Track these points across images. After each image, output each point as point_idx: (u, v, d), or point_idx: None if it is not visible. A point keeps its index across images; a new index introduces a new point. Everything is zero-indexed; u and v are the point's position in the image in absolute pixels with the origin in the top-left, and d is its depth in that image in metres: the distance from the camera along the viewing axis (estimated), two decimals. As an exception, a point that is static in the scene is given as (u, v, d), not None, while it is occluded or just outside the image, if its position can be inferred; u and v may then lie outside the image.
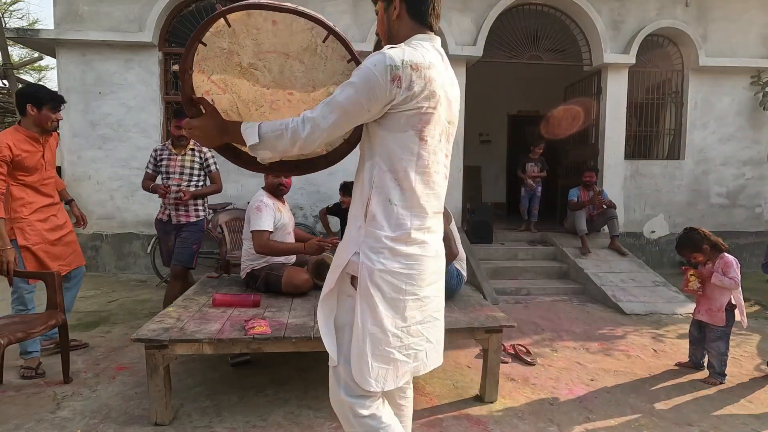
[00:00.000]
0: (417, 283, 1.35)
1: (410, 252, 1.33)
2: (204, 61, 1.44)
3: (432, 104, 1.27)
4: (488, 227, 6.05)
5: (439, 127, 1.33)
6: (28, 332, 2.46)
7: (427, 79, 1.24)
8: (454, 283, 2.93)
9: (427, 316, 1.40)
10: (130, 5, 5.65)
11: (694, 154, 6.53)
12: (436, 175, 1.36)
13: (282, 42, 1.41)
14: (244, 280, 3.16)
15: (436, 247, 1.41)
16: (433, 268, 1.39)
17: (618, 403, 2.61)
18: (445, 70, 1.34)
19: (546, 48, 6.43)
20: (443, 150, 1.39)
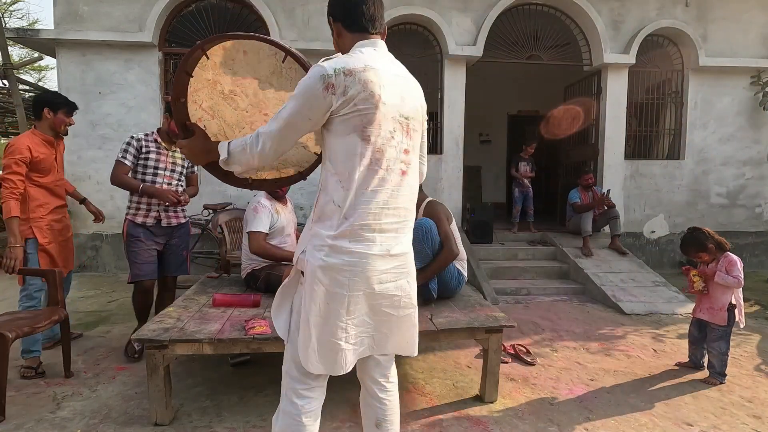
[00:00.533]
0: (361, 280, 1.39)
1: (352, 249, 1.38)
2: (195, 92, 1.66)
3: (371, 105, 1.33)
4: (488, 227, 6.05)
5: (387, 124, 1.38)
6: (34, 327, 2.56)
7: (363, 82, 1.31)
8: (454, 283, 2.93)
9: (377, 311, 1.45)
10: (130, 5, 5.65)
11: (694, 154, 6.54)
12: (386, 172, 1.39)
13: (253, 69, 1.63)
14: (244, 279, 3.16)
15: (388, 246, 1.42)
16: (382, 266, 1.41)
17: (618, 403, 2.61)
18: (391, 68, 1.41)
19: (546, 48, 6.43)
20: (399, 146, 1.42)
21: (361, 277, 1.39)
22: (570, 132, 7.14)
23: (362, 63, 1.34)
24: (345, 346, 1.42)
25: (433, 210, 2.97)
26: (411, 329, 1.55)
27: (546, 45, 6.42)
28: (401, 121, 1.42)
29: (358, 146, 1.35)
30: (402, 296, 1.49)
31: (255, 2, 5.74)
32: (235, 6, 5.95)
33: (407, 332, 1.55)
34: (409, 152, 1.45)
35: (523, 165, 6.50)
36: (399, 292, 1.48)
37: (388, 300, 1.46)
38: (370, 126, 1.35)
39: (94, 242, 5.78)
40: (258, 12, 5.80)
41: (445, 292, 2.93)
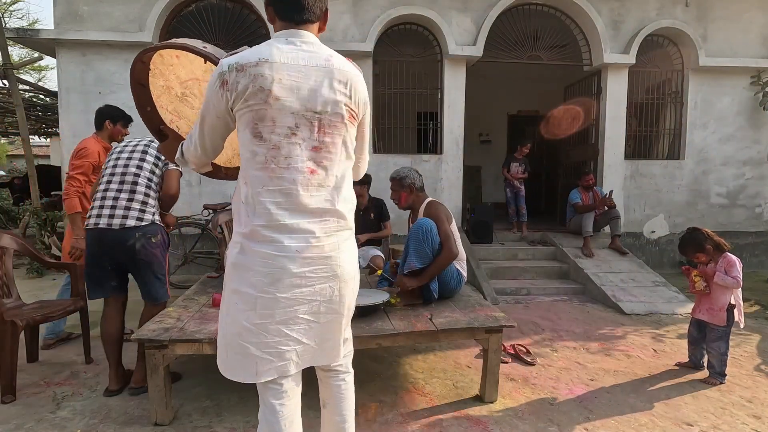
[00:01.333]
0: (271, 282, 1.32)
1: (260, 250, 1.33)
2: (158, 98, 1.79)
3: (260, 100, 1.28)
4: (488, 227, 6.05)
5: (285, 120, 1.31)
6: (46, 315, 2.84)
7: (253, 76, 1.27)
8: (454, 283, 2.94)
9: (292, 318, 1.36)
10: (130, 5, 5.65)
11: (694, 154, 6.54)
12: (287, 170, 1.32)
13: (189, 70, 1.70)
14: None
15: (300, 247, 1.34)
16: (293, 269, 1.33)
17: (618, 403, 2.61)
18: (300, 58, 1.33)
19: (546, 48, 6.43)
20: (303, 143, 1.34)
21: (270, 279, 1.33)
22: (570, 132, 7.14)
23: (256, 57, 1.29)
24: (255, 351, 1.34)
25: (433, 210, 2.97)
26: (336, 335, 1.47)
27: (546, 45, 6.42)
28: (307, 116, 1.33)
29: (252, 143, 1.32)
30: (321, 301, 1.39)
31: (255, 2, 5.74)
32: (235, 6, 5.95)
33: (330, 339, 1.46)
34: (321, 150, 1.36)
35: (515, 165, 6.44)
36: (317, 297, 1.38)
37: (304, 306, 1.37)
38: (262, 122, 1.30)
39: (94, 242, 5.77)
40: (258, 12, 5.79)
41: (445, 292, 2.93)
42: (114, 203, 2.58)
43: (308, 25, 1.39)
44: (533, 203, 6.72)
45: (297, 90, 1.31)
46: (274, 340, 1.35)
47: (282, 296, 1.34)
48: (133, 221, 2.56)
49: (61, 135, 5.80)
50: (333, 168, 1.40)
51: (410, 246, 2.82)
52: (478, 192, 9.17)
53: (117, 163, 2.70)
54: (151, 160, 2.74)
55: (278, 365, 1.37)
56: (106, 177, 2.67)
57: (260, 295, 1.33)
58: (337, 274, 1.42)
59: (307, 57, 1.34)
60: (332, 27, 5.83)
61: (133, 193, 2.62)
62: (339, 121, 1.38)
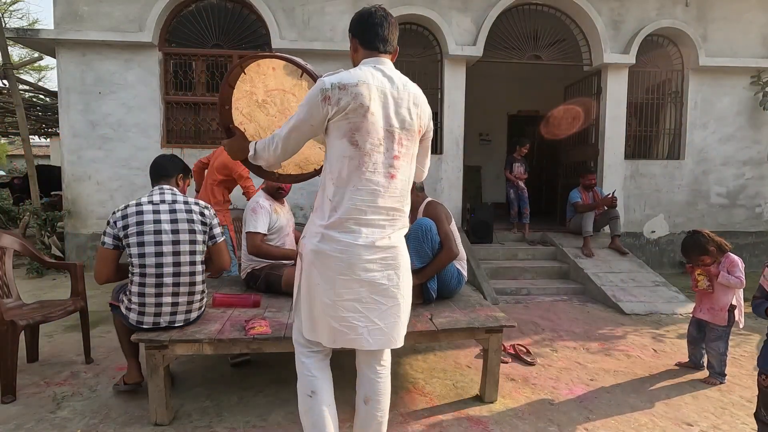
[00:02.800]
0: (347, 266, 1.58)
1: (340, 239, 1.58)
2: (237, 101, 2.04)
3: (359, 114, 1.53)
4: (488, 227, 6.05)
5: (376, 132, 1.57)
6: (46, 315, 2.79)
7: (353, 95, 1.52)
8: (454, 283, 2.93)
9: (365, 297, 1.61)
10: (130, 5, 5.65)
11: (694, 154, 6.54)
12: (373, 174, 1.58)
13: (280, 81, 1.98)
14: (245, 280, 3.16)
15: (373, 238, 1.60)
16: (367, 256, 1.59)
17: (618, 403, 2.61)
18: (388, 84, 1.60)
19: (546, 48, 6.43)
20: (388, 153, 1.60)
21: (346, 263, 1.58)
22: (570, 132, 7.14)
23: (356, 79, 1.54)
24: (333, 323, 1.61)
25: (433, 210, 2.97)
26: (398, 320, 1.68)
27: (546, 45, 6.42)
28: (391, 130, 1.60)
29: (347, 149, 1.56)
30: (389, 285, 1.64)
31: (255, 2, 5.74)
32: (235, 6, 5.95)
33: (395, 323, 1.67)
34: (399, 158, 1.63)
35: (517, 166, 6.35)
36: (386, 281, 1.63)
37: (375, 288, 1.62)
38: (358, 132, 1.55)
39: (94, 242, 5.77)
40: (258, 12, 5.80)
41: (445, 292, 2.93)
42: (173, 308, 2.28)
43: (388, 55, 1.69)
44: (533, 203, 6.69)
45: (384, 108, 1.58)
46: (349, 315, 1.60)
47: (357, 278, 1.59)
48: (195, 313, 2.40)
49: (61, 135, 5.80)
50: (404, 174, 1.67)
51: (410, 245, 2.79)
52: (478, 192, 9.17)
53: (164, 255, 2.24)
54: (201, 239, 2.36)
55: (352, 337, 1.62)
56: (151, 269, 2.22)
57: (339, 277, 1.58)
58: (400, 264, 1.68)
59: (389, 82, 1.61)
60: (332, 27, 5.83)
61: (192, 294, 2.34)
62: (411, 136, 1.66)
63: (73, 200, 5.81)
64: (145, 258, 2.22)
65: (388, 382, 1.79)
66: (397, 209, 1.66)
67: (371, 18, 1.65)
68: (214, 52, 5.94)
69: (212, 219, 2.43)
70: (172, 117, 5.97)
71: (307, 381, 1.71)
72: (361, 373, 1.78)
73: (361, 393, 1.78)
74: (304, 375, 1.72)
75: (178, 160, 2.59)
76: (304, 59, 1.93)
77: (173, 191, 2.41)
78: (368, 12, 1.66)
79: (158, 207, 2.29)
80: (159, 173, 2.48)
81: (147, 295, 2.24)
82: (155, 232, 2.23)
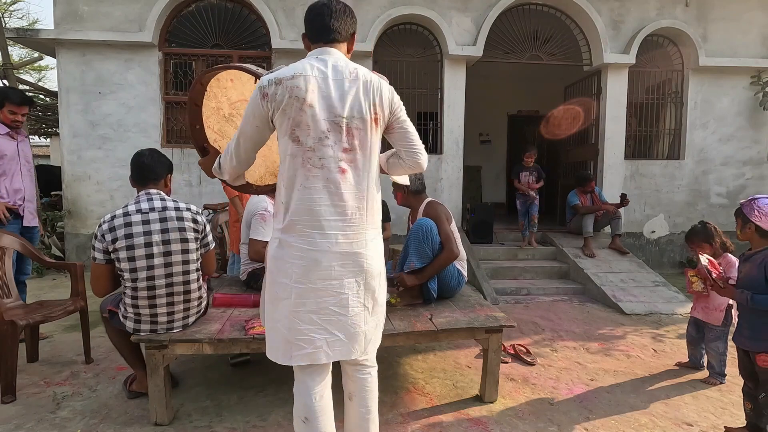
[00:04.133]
0: (304, 274, 1.49)
1: (294, 244, 1.51)
2: (207, 119, 2.01)
3: (296, 108, 1.46)
4: (488, 227, 6.05)
5: (319, 125, 1.48)
6: (47, 315, 2.81)
7: (289, 88, 1.45)
8: (454, 283, 2.93)
9: (323, 308, 1.51)
10: (130, 5, 5.65)
11: (694, 154, 6.54)
12: (320, 170, 1.49)
13: (240, 92, 1.96)
14: (245, 281, 3.15)
15: (329, 243, 1.50)
16: (324, 262, 1.50)
17: (618, 403, 2.61)
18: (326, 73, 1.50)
19: (546, 48, 6.43)
20: (335, 146, 1.50)
21: (302, 270, 1.49)
22: (570, 132, 7.14)
23: (292, 72, 1.48)
24: (289, 336, 1.52)
25: (433, 210, 2.97)
26: (358, 330, 1.57)
27: (546, 45, 6.42)
28: (337, 122, 1.49)
29: (290, 147, 1.50)
30: (349, 295, 1.53)
31: (255, 2, 5.74)
32: (235, 6, 5.95)
33: (355, 334, 1.56)
34: (350, 151, 1.52)
35: (525, 175, 5.88)
36: (346, 290, 1.53)
37: (333, 298, 1.52)
38: (298, 128, 1.48)
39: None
40: (258, 12, 5.80)
41: (445, 292, 2.93)
42: (169, 317, 2.25)
43: (336, 44, 1.58)
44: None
45: (327, 98, 1.48)
46: (306, 327, 1.51)
47: (313, 287, 1.50)
48: (194, 318, 2.36)
49: (61, 135, 5.80)
50: (362, 168, 1.55)
51: (410, 245, 2.82)
52: (478, 192, 9.17)
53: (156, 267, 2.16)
54: (194, 247, 2.27)
55: (309, 352, 1.52)
56: (143, 282, 2.16)
57: (295, 285, 1.50)
58: (364, 269, 1.56)
59: (334, 70, 1.51)
60: (332, 27, 5.82)
61: (188, 301, 2.28)
62: (365, 126, 1.53)
63: (73, 200, 5.81)
64: (137, 272, 2.14)
65: (373, 379, 1.72)
66: (356, 207, 1.53)
67: (313, 10, 1.58)
68: (214, 52, 5.94)
69: (204, 225, 2.33)
70: (172, 117, 5.97)
71: (302, 405, 1.59)
72: (344, 371, 1.72)
73: (346, 390, 1.74)
74: (299, 397, 1.60)
75: (164, 158, 2.40)
76: (304, 59, 1.92)
77: (161, 196, 2.27)
78: (312, 5, 1.60)
79: (147, 216, 2.16)
80: (147, 177, 2.29)
81: (141, 307, 2.19)
82: (146, 245, 2.13)
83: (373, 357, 1.72)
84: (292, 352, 1.52)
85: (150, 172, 2.30)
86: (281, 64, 1.59)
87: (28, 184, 3.45)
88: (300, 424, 1.60)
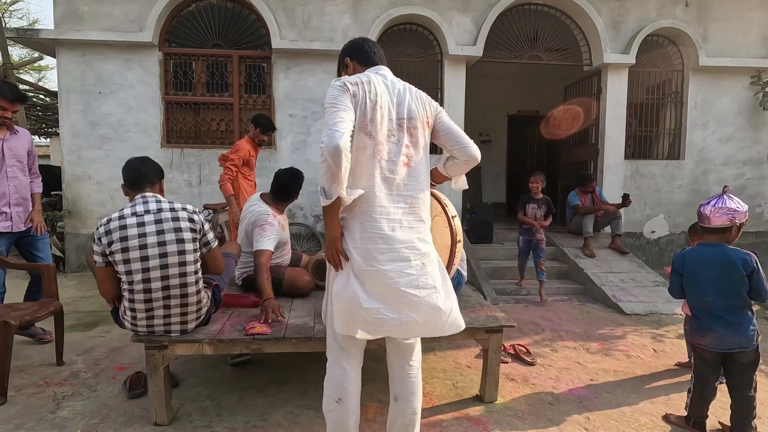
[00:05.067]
0: (371, 257, 1.63)
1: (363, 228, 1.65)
2: None
3: (371, 106, 1.65)
4: (488, 227, 6.05)
5: (386, 123, 1.69)
6: (34, 316, 2.79)
7: (365, 90, 1.66)
8: (453, 283, 2.89)
9: (396, 291, 1.63)
10: (130, 5, 5.65)
11: (694, 154, 6.54)
12: (388, 163, 1.68)
13: None
14: (242, 285, 3.11)
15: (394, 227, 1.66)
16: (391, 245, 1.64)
17: (618, 403, 2.61)
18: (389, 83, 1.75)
19: (546, 48, 6.43)
20: (399, 142, 1.71)
21: (371, 254, 1.63)
22: (570, 132, 7.14)
23: (366, 78, 1.70)
24: (363, 314, 1.63)
25: (433, 210, 2.96)
26: (432, 311, 1.68)
27: (546, 45, 6.42)
28: (399, 121, 1.71)
29: (363, 140, 1.66)
30: (418, 276, 1.66)
31: (255, 2, 5.74)
32: (235, 6, 5.95)
33: (429, 315, 1.68)
34: (410, 147, 1.73)
35: (533, 208, 4.73)
36: (414, 271, 1.65)
37: (404, 279, 1.64)
38: (371, 124, 1.66)
39: (94, 242, 5.77)
40: (258, 12, 5.79)
41: (445, 292, 2.92)
42: (166, 320, 2.22)
43: (384, 64, 1.86)
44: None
45: (391, 102, 1.72)
46: (378, 305, 1.63)
47: (385, 270, 1.63)
48: (193, 324, 2.31)
49: (61, 135, 5.80)
50: (417, 162, 1.74)
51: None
52: (478, 192, 9.15)
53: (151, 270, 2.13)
54: (191, 247, 2.22)
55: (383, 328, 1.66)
56: (139, 285, 2.13)
57: (366, 268, 1.63)
58: (425, 253, 1.70)
59: (392, 82, 1.78)
60: (332, 27, 5.83)
61: (185, 305, 2.23)
62: (418, 123, 1.76)
63: (73, 200, 5.81)
64: (132, 275, 2.12)
65: (419, 380, 1.85)
66: (417, 198, 1.72)
67: (365, 44, 1.88)
68: (214, 52, 5.94)
69: (203, 224, 2.29)
70: (172, 117, 5.97)
71: (337, 386, 1.76)
72: (392, 372, 1.85)
73: (392, 391, 1.85)
74: (335, 380, 1.77)
75: (156, 164, 2.40)
76: (304, 59, 2.00)
77: (157, 198, 2.25)
78: (362, 39, 1.92)
79: (142, 218, 2.14)
80: (142, 181, 2.29)
81: (138, 311, 2.17)
82: (140, 247, 2.10)
83: (420, 358, 1.88)
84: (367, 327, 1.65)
85: (144, 176, 2.29)
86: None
87: (17, 184, 3.16)
88: (333, 404, 1.77)
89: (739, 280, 2.14)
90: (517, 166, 9.94)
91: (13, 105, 3.12)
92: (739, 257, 2.15)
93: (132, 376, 2.65)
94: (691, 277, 2.27)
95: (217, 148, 5.86)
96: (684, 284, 2.31)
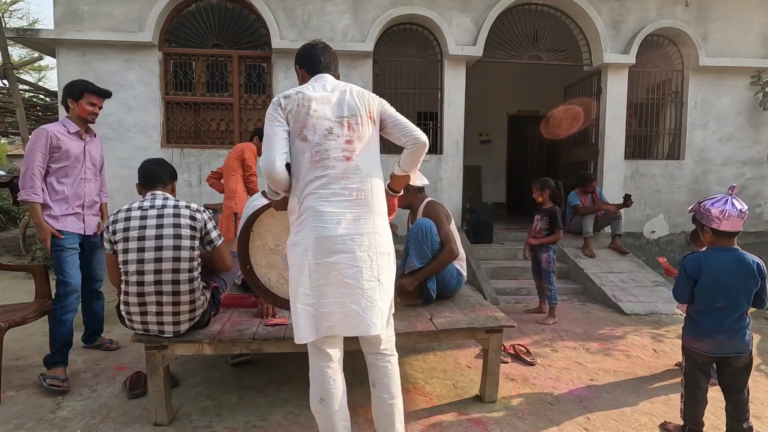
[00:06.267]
0: (314, 250, 1.70)
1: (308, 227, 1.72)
2: (254, 257, 2.28)
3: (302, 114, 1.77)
4: (488, 227, 6.05)
5: (324, 124, 1.77)
6: (24, 317, 2.72)
7: (295, 100, 1.78)
8: (453, 283, 2.93)
9: (338, 283, 1.70)
10: (130, 5, 5.65)
11: (694, 154, 6.54)
12: (328, 160, 1.75)
13: (280, 222, 2.20)
14: (241, 286, 3.11)
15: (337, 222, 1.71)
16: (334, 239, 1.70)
17: (618, 403, 2.61)
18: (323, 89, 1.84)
19: (546, 48, 6.43)
20: (338, 137, 1.77)
21: (314, 248, 1.70)
22: (570, 132, 7.14)
23: (295, 90, 1.82)
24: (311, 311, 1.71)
25: (433, 210, 2.97)
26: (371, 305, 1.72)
27: (546, 45, 6.41)
28: (339, 119, 1.79)
29: (300, 145, 1.77)
30: (363, 268, 1.71)
31: (255, 2, 5.74)
32: (235, 6, 5.95)
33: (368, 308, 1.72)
34: (352, 142, 1.79)
35: (536, 219, 4.20)
36: (358, 263, 1.71)
37: (348, 270, 1.70)
38: (305, 128, 1.77)
39: (94, 242, 5.77)
40: (258, 12, 5.79)
41: (445, 292, 2.93)
42: (159, 318, 2.21)
43: (326, 73, 1.92)
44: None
45: (328, 104, 1.80)
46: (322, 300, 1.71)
47: (327, 263, 1.69)
48: (186, 325, 2.27)
49: (61, 135, 5.79)
50: (361, 154, 1.79)
51: (410, 246, 2.82)
52: (478, 192, 9.16)
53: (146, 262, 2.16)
54: (188, 244, 2.23)
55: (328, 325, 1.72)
56: (133, 276, 2.16)
57: (309, 262, 1.70)
58: (373, 245, 1.75)
59: (332, 86, 1.85)
60: (332, 27, 5.83)
61: (177, 304, 2.21)
62: (357, 119, 1.81)
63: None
64: (128, 265, 2.16)
65: (393, 366, 1.89)
66: (361, 189, 1.77)
67: (313, 51, 1.94)
68: (214, 52, 5.94)
69: (205, 223, 2.31)
70: (172, 117, 5.97)
71: (318, 387, 1.80)
72: (367, 361, 1.90)
73: (370, 379, 1.90)
74: (315, 380, 1.81)
75: (170, 166, 2.53)
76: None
77: (165, 196, 2.34)
78: (311, 46, 1.95)
79: (146, 213, 2.23)
80: (155, 181, 2.42)
81: (131, 304, 2.19)
82: (138, 239, 2.17)
83: (392, 346, 1.90)
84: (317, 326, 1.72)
85: (157, 177, 2.44)
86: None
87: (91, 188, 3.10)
88: (316, 404, 1.81)
89: (753, 286, 2.08)
90: (517, 166, 9.95)
91: (101, 100, 3.18)
92: (754, 262, 2.09)
93: (132, 376, 2.65)
94: (708, 283, 2.12)
95: (217, 148, 5.86)
96: (695, 289, 2.17)
